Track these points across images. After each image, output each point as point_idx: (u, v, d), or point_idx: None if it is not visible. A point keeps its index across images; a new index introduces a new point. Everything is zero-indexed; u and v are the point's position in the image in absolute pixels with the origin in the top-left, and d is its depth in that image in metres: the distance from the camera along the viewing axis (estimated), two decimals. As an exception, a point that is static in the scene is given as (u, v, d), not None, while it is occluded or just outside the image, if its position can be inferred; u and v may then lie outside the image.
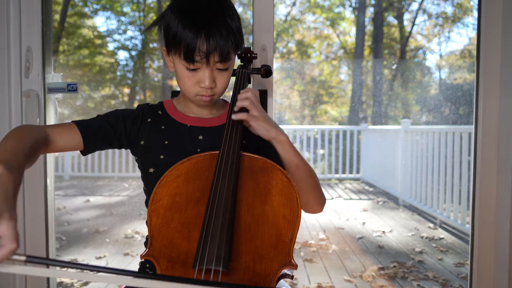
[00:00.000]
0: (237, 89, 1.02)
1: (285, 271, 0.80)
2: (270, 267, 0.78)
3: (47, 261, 0.57)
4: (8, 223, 0.59)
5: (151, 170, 0.97)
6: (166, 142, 0.98)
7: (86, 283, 2.43)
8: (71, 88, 1.68)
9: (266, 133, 0.95)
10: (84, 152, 0.95)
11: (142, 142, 0.99)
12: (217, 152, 0.88)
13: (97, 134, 0.95)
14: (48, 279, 1.64)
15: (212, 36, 0.87)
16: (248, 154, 0.89)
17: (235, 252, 0.78)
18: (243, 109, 0.95)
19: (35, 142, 0.81)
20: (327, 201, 1.02)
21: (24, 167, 0.75)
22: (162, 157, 0.97)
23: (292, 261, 0.79)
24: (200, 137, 1.00)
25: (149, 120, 1.01)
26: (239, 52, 1.09)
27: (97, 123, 0.96)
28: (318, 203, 1.00)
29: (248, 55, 1.14)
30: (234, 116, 0.92)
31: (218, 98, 1.02)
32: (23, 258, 0.57)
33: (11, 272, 0.57)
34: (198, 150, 0.98)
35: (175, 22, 0.89)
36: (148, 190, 1.00)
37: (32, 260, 0.57)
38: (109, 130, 0.96)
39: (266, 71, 1.16)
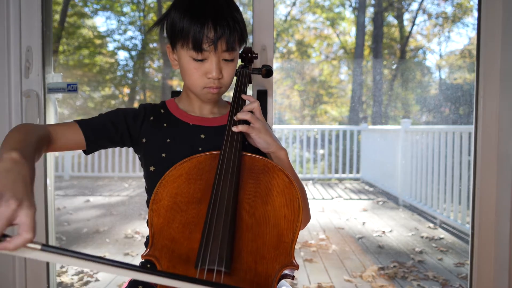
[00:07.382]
0: (238, 89, 1.02)
1: (287, 271, 0.80)
2: (272, 267, 0.78)
3: (60, 251, 0.58)
4: (27, 212, 0.57)
5: (152, 168, 0.97)
6: (168, 141, 0.98)
7: (86, 283, 2.43)
8: (71, 88, 1.68)
9: (266, 147, 0.94)
10: (86, 151, 0.95)
11: (144, 140, 0.99)
12: (219, 152, 0.88)
13: (98, 132, 0.95)
14: (48, 279, 1.64)
15: (219, 24, 0.88)
16: (249, 155, 0.89)
17: (237, 253, 0.78)
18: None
19: (40, 139, 0.80)
20: (327, 201, 1.02)
21: (34, 159, 0.73)
22: (163, 155, 0.97)
23: (293, 261, 0.79)
24: (202, 136, 1.00)
25: (151, 118, 1.01)
26: (244, 45, 1.08)
27: (99, 122, 0.96)
28: (303, 220, 0.92)
29: (249, 55, 1.14)
30: (234, 129, 0.90)
31: (224, 92, 1.01)
32: (39, 247, 0.57)
33: (26, 257, 0.58)
34: (200, 149, 0.98)
35: (181, 18, 0.90)
36: (149, 188, 1.00)
37: (46, 249, 0.57)
38: (110, 128, 0.96)
39: (267, 71, 1.16)
